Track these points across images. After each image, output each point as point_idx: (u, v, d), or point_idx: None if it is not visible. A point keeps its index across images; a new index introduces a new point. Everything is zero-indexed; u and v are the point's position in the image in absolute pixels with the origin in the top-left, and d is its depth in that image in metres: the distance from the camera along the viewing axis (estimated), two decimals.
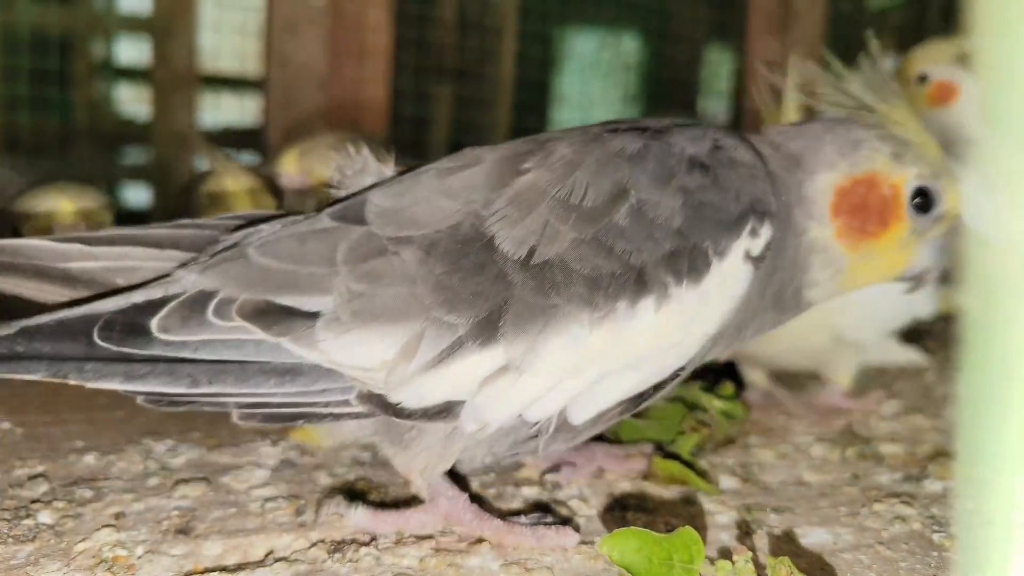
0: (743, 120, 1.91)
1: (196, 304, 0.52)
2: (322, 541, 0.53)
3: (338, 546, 0.53)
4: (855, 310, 0.89)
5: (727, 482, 0.67)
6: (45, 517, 0.56)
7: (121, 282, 0.56)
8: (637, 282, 0.51)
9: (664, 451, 0.69)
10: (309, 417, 0.52)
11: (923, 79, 1.00)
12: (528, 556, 0.52)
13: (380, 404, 0.51)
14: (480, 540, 0.54)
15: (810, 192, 0.57)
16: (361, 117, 1.54)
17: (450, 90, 1.83)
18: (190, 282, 0.53)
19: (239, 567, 0.50)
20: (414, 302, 0.50)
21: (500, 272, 0.50)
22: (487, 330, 0.50)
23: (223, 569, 0.50)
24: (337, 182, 0.59)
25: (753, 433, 0.80)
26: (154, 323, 0.51)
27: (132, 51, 1.82)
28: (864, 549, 0.55)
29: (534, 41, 1.95)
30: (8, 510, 0.57)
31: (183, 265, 0.56)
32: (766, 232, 0.54)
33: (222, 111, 1.77)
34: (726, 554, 0.51)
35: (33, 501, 0.59)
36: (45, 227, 0.94)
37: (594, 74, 2.16)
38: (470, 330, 0.50)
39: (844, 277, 0.58)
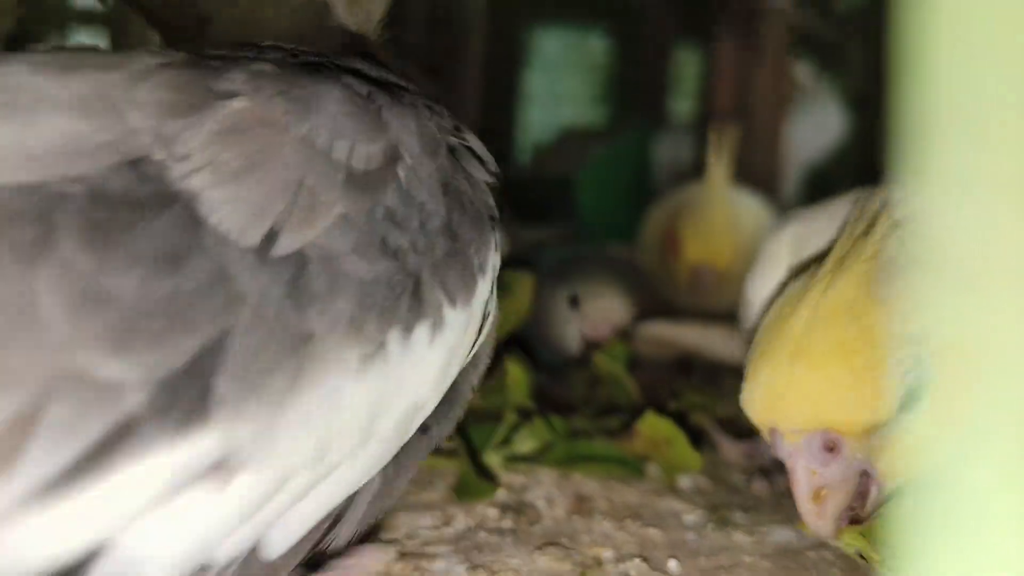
0: (711, 120, 1.93)
1: None
2: None
3: None
4: None
5: (693, 481, 0.67)
6: None
7: None
8: (413, 298, 0.34)
9: (659, 408, 0.69)
10: None
11: None
12: (494, 559, 0.51)
13: None
14: (443, 543, 0.53)
15: None
16: None
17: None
18: None
19: None
20: (25, 336, 0.26)
21: (214, 270, 0.28)
22: (191, 390, 0.27)
23: None
24: None
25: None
26: None
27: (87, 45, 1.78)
28: (829, 546, 0.55)
29: (502, 40, 1.94)
30: None
31: None
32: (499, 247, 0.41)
33: None
34: None
35: None
36: None
37: (562, 73, 2.17)
38: (154, 393, 0.26)
39: None
